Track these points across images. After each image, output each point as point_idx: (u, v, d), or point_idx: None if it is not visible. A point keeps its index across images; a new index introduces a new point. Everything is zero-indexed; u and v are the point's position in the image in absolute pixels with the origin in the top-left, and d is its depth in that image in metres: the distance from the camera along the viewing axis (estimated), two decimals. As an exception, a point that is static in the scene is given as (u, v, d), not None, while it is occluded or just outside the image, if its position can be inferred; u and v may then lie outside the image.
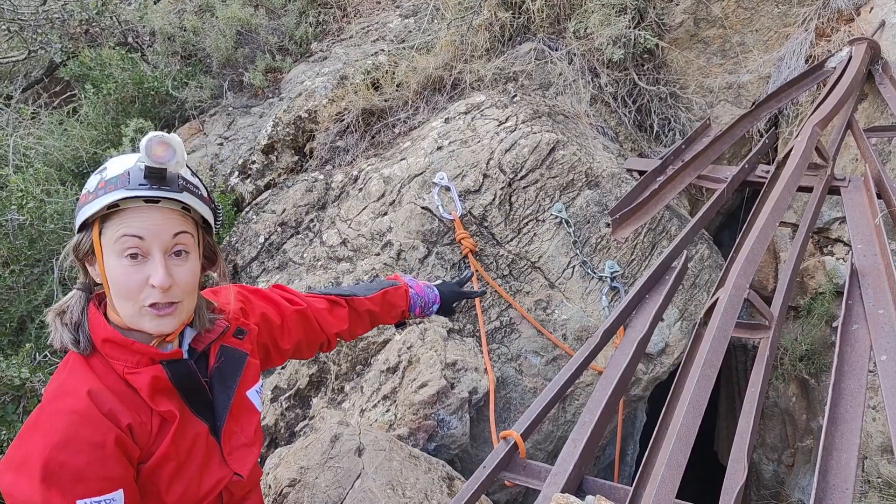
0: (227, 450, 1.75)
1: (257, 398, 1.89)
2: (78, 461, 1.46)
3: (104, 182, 1.53)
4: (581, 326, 3.58)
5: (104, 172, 1.56)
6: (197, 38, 5.62)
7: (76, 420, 1.49)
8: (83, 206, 1.55)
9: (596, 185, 3.84)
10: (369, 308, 2.32)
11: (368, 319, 2.34)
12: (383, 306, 2.37)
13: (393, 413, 3.11)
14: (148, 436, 1.58)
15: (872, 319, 2.63)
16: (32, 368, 3.38)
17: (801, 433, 4.00)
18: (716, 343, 2.36)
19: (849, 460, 2.12)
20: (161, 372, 1.60)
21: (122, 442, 1.52)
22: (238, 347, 1.83)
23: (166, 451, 1.59)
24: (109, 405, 1.53)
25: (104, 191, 1.51)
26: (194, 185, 1.62)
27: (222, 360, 1.77)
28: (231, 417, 1.77)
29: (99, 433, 1.49)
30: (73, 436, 1.47)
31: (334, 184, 4.16)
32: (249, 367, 1.85)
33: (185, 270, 1.59)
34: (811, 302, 3.88)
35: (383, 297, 2.37)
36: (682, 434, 2.05)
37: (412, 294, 2.43)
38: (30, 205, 3.85)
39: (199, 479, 1.67)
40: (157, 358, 1.60)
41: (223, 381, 1.77)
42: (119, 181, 1.52)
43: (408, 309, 2.42)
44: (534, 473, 2.33)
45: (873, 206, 3.26)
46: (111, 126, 5.04)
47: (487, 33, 4.66)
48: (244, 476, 1.77)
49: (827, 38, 4.46)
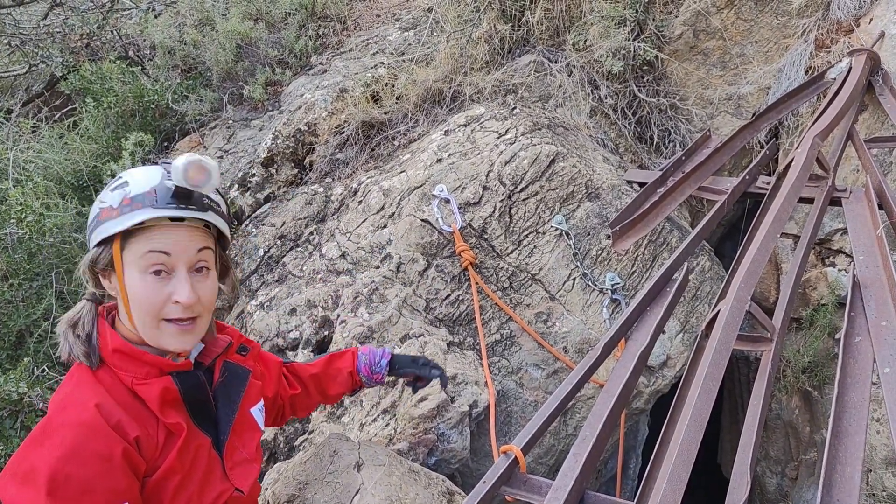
0: (228, 465, 1.75)
1: (260, 416, 1.89)
2: (85, 473, 1.45)
3: (129, 199, 1.52)
4: (582, 339, 3.56)
5: (127, 188, 1.54)
6: (197, 52, 5.63)
7: (84, 432, 1.48)
8: (105, 222, 1.54)
9: (596, 196, 3.83)
10: (312, 373, 2.28)
11: (314, 385, 2.29)
12: (328, 369, 2.31)
13: (392, 427, 3.09)
14: (154, 449, 1.58)
15: (875, 331, 2.61)
16: (31, 383, 3.36)
17: (805, 446, 3.97)
18: (717, 356, 2.34)
19: (853, 474, 2.09)
20: (171, 383, 1.61)
21: (129, 455, 1.52)
22: (242, 364, 1.84)
23: (172, 464, 1.59)
24: (117, 417, 1.53)
25: (130, 208, 1.51)
26: (217, 202, 1.64)
27: (227, 375, 1.79)
28: (234, 433, 1.78)
29: (107, 445, 1.49)
30: (80, 448, 1.46)
31: (334, 196, 4.15)
32: (252, 385, 1.86)
33: (206, 286, 1.62)
34: (813, 314, 3.86)
35: (329, 361, 2.33)
36: (683, 448, 2.03)
37: (358, 354, 2.37)
38: (29, 218, 3.84)
39: (200, 492, 1.67)
40: (166, 369, 1.61)
41: (227, 395, 1.78)
42: (146, 199, 1.52)
43: (355, 370, 2.35)
44: (534, 488, 2.30)
45: (875, 217, 3.25)
46: (111, 139, 5.04)
47: (487, 46, 4.66)
48: (245, 492, 1.77)
49: (827, 49, 4.46)
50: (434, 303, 3.54)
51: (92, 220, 1.57)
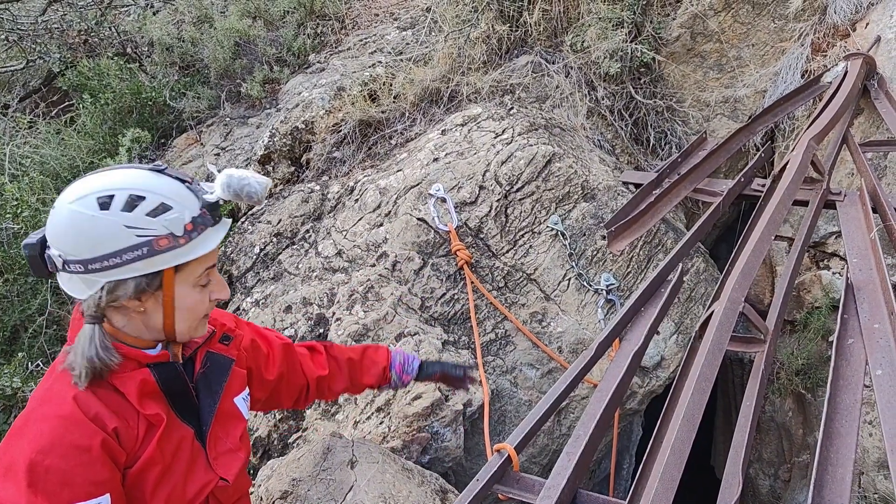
0: (212, 455, 1.76)
1: (244, 405, 1.89)
2: (64, 465, 1.46)
3: (192, 224, 1.52)
4: (577, 339, 3.57)
5: (173, 213, 1.49)
6: (195, 49, 5.64)
7: (62, 424, 1.49)
8: (170, 250, 1.49)
9: (592, 197, 3.84)
10: (350, 356, 2.33)
11: (348, 370, 2.33)
12: (364, 359, 2.36)
13: (387, 425, 3.09)
14: (134, 440, 1.58)
15: (868, 334, 2.62)
16: (24, 378, 3.36)
17: (798, 448, 3.98)
18: (711, 356, 2.35)
19: (844, 475, 2.10)
20: (149, 375, 1.61)
21: (108, 446, 1.53)
22: (224, 353, 1.84)
23: (152, 454, 1.60)
24: (95, 409, 1.53)
25: (197, 233, 1.53)
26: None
27: (208, 366, 1.79)
28: (217, 423, 1.78)
29: (85, 437, 1.50)
30: (58, 440, 1.47)
31: (330, 195, 4.16)
32: (235, 375, 1.86)
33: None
34: (807, 316, 3.88)
35: (364, 351, 2.38)
36: (676, 448, 2.03)
37: (393, 352, 2.43)
38: (25, 214, 3.84)
39: (183, 483, 1.67)
40: (144, 361, 1.61)
41: (209, 386, 1.78)
42: (204, 220, 1.54)
43: (388, 366, 2.41)
44: (527, 487, 2.31)
45: (869, 221, 3.26)
46: (108, 136, 5.05)
47: (485, 46, 4.67)
48: (230, 481, 1.77)
49: (823, 53, 4.48)
50: (429, 301, 3.55)
51: (131, 250, 1.46)
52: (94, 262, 1.46)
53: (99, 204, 1.45)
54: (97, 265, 1.46)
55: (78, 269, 1.47)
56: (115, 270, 1.47)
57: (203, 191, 1.57)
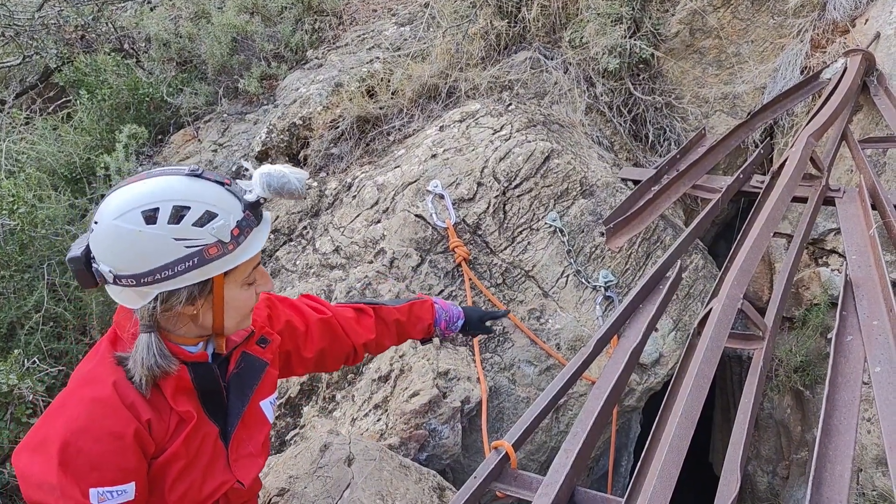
0: (233, 456, 1.76)
1: (270, 410, 1.89)
2: (96, 449, 1.48)
3: (238, 229, 1.51)
4: (575, 336, 3.56)
5: (219, 221, 1.48)
6: (192, 45, 5.62)
7: (99, 408, 1.51)
8: (220, 258, 1.49)
9: (590, 194, 3.83)
10: (397, 318, 2.32)
11: (396, 330, 2.34)
12: (410, 317, 2.36)
13: (384, 422, 3.08)
14: (165, 433, 1.60)
15: (867, 330, 2.61)
16: (20, 375, 3.34)
17: (796, 445, 3.98)
18: (709, 353, 2.34)
19: (842, 472, 2.10)
20: (185, 372, 1.63)
21: (140, 435, 1.54)
22: (260, 356, 1.85)
23: (177, 449, 1.61)
24: (132, 398, 1.55)
25: (244, 236, 1.53)
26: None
27: (242, 367, 1.79)
28: (243, 425, 1.79)
29: (120, 424, 1.52)
30: (94, 423, 1.49)
31: (328, 191, 4.14)
32: (267, 377, 1.87)
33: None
34: (806, 313, 3.87)
35: (410, 309, 2.37)
36: (674, 445, 2.03)
37: (437, 308, 2.42)
38: (21, 210, 3.82)
39: (201, 480, 1.68)
40: (184, 359, 1.63)
41: (240, 387, 1.79)
42: (249, 222, 1.54)
43: (433, 323, 2.41)
44: (525, 484, 2.30)
45: (868, 217, 3.25)
46: (105, 132, 5.03)
47: (483, 42, 4.65)
48: (246, 485, 1.78)
49: (822, 49, 4.47)
50: (427, 298, 3.54)
51: (182, 261, 1.46)
52: (146, 276, 1.45)
53: (144, 218, 1.43)
54: (149, 278, 1.46)
55: (130, 283, 1.47)
56: (167, 282, 1.47)
57: (242, 190, 1.56)
